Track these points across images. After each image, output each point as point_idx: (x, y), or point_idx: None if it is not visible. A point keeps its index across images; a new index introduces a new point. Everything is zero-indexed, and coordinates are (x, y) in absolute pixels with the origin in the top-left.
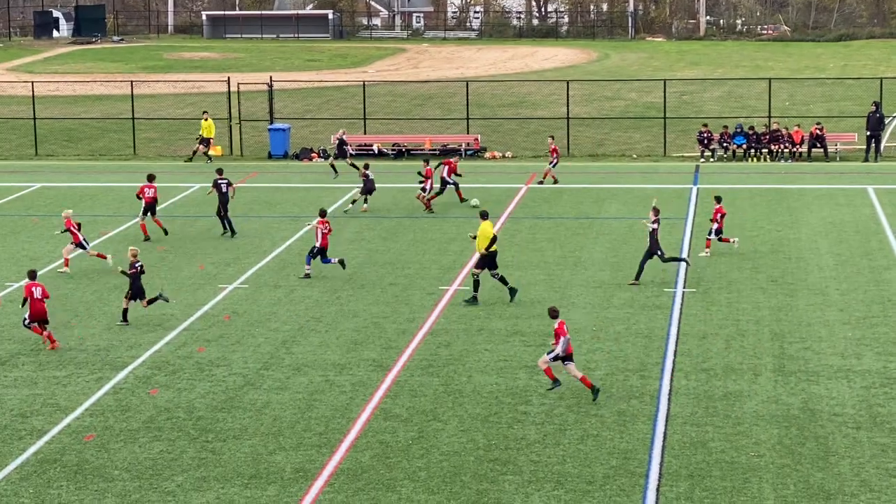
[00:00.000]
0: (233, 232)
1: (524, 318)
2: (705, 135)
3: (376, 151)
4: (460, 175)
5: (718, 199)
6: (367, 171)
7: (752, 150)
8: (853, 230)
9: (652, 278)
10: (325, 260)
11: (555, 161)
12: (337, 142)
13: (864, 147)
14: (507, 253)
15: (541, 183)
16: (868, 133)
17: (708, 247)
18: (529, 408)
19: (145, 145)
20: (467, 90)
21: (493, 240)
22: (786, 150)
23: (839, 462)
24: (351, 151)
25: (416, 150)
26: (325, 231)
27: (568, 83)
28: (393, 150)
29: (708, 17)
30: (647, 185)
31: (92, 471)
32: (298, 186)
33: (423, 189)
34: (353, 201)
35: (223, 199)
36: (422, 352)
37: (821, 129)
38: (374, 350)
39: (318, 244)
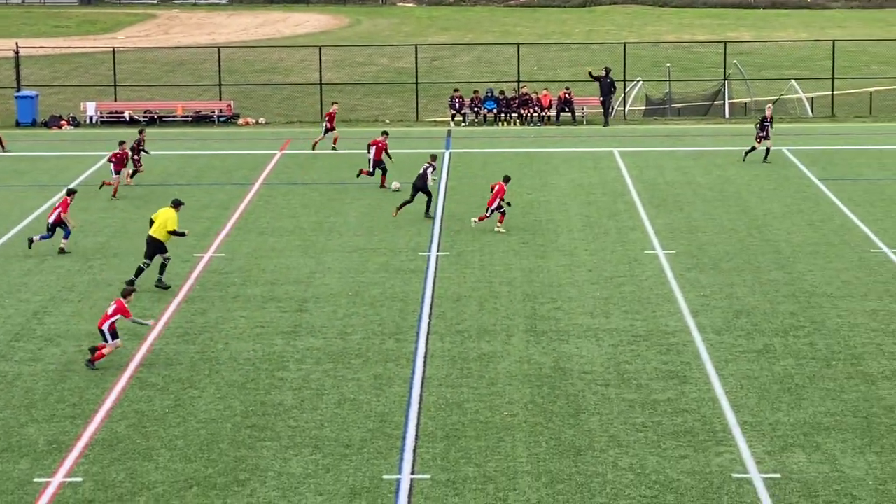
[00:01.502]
0: None
1: (280, 285)
2: (457, 100)
3: (128, 119)
4: (391, 157)
5: (507, 180)
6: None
7: (503, 115)
8: (600, 192)
9: (406, 243)
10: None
11: (330, 127)
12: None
13: (604, 111)
14: (263, 219)
15: (335, 149)
16: (601, 99)
17: (494, 219)
18: (286, 373)
19: None
20: (219, 56)
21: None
22: (535, 115)
23: (589, 419)
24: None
25: (169, 117)
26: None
27: (320, 49)
28: (145, 117)
29: None
30: (400, 149)
31: None
32: (48, 155)
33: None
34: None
35: None
36: (177, 320)
37: (568, 94)
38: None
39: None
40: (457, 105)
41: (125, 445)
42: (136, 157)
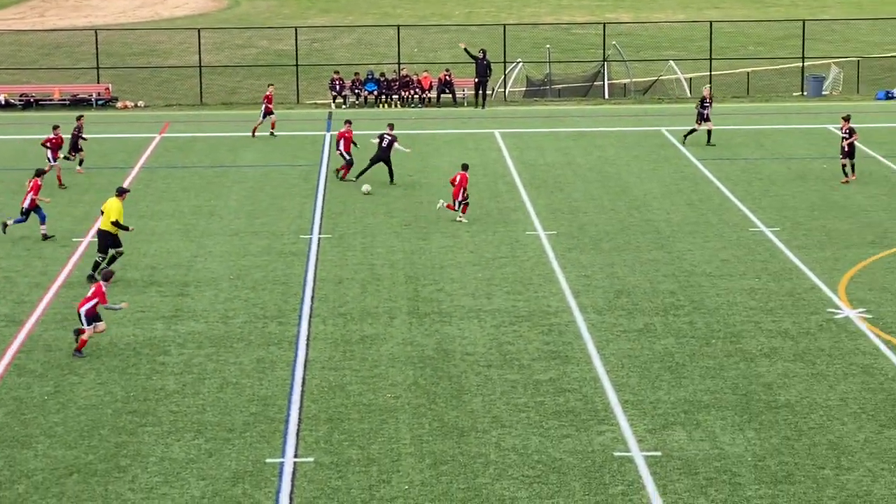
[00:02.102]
0: None
1: (160, 269)
2: (337, 82)
3: (3, 102)
4: (356, 145)
5: (466, 168)
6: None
7: (383, 97)
8: (482, 173)
9: (288, 226)
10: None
11: (268, 111)
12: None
13: (482, 93)
14: (142, 203)
15: (272, 134)
16: (476, 80)
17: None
18: (168, 358)
19: None
20: (96, 39)
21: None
22: (416, 96)
23: (472, 400)
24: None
25: (45, 100)
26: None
27: (199, 31)
28: (21, 100)
29: None
30: (281, 132)
31: None
32: None
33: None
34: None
35: None
36: (56, 305)
37: (448, 75)
38: (6, 305)
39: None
40: (337, 87)
41: (3, 433)
42: (78, 143)
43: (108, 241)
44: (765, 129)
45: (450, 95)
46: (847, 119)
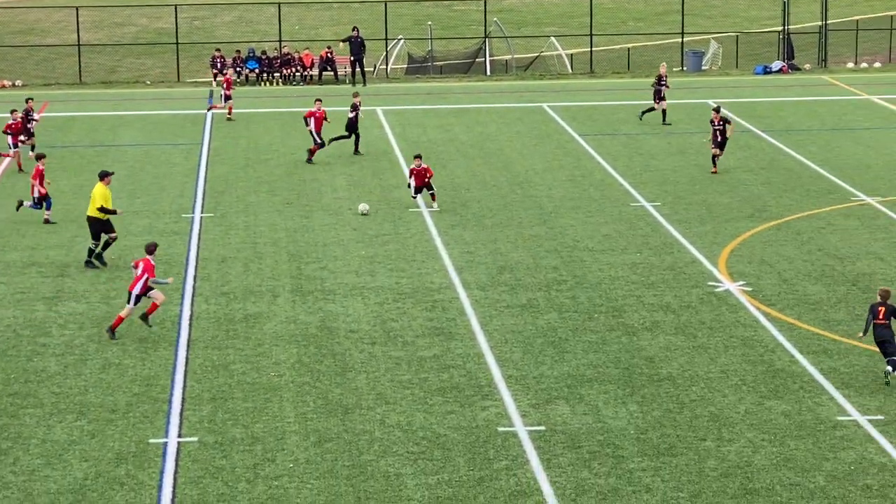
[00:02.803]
0: None
1: (40, 250)
2: (218, 60)
3: None
4: (328, 121)
5: (419, 156)
6: None
7: (265, 75)
8: (364, 151)
9: (170, 205)
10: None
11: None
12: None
13: (361, 71)
14: (20, 184)
15: (230, 119)
16: (351, 58)
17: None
18: (49, 339)
19: None
20: None
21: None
22: (297, 74)
23: (356, 377)
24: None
25: None
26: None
27: (77, 9)
28: None
29: None
30: (162, 111)
31: None
32: None
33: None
34: None
35: None
36: None
37: (330, 53)
38: None
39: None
40: (218, 65)
41: None
42: (29, 126)
43: (97, 227)
44: (645, 105)
45: (331, 73)
46: (717, 110)
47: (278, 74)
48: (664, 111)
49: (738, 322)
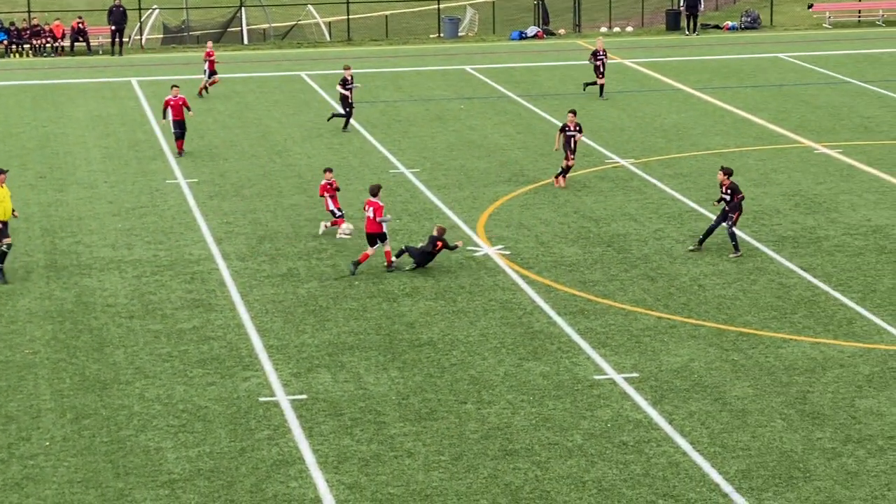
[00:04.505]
0: None
1: None
2: None
3: None
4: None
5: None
6: None
7: (14, 46)
8: (119, 123)
9: None
10: None
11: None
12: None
13: (119, 41)
14: None
15: (200, 95)
16: (112, 28)
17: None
18: None
19: None
20: None
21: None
22: (48, 45)
23: (114, 352)
24: None
25: None
26: None
27: None
28: None
29: None
30: None
31: None
32: None
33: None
34: None
35: None
36: None
37: (82, 23)
38: None
39: None
40: None
41: None
42: None
43: None
44: (403, 72)
45: (84, 44)
46: (574, 113)
47: (28, 46)
48: (601, 86)
49: (497, 286)
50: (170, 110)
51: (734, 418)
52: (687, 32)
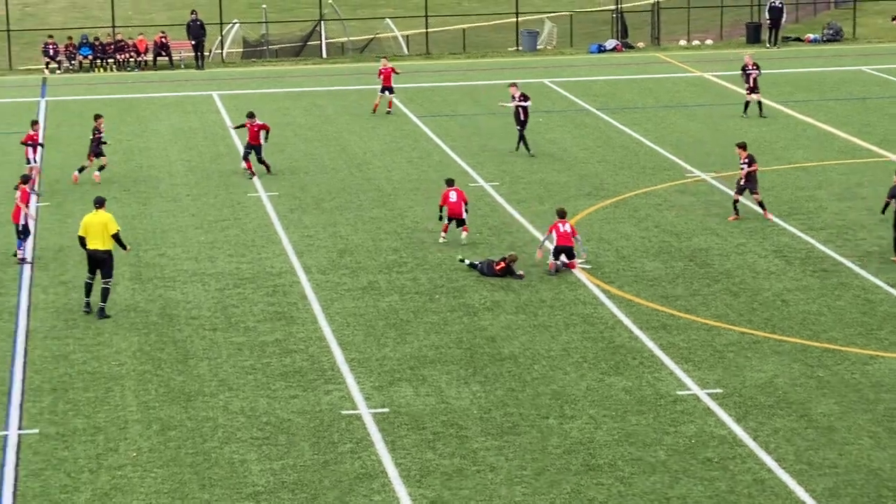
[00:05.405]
0: None
1: None
2: (51, 47)
3: None
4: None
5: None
6: None
7: (99, 61)
8: (202, 136)
9: (3, 195)
10: None
11: None
12: None
13: (200, 55)
14: None
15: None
16: (192, 42)
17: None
18: None
19: None
20: None
21: None
22: (132, 60)
23: (198, 364)
24: None
25: None
26: None
27: None
28: None
29: None
30: None
31: None
32: None
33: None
34: None
35: None
36: None
37: (164, 38)
38: None
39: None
40: (51, 52)
41: None
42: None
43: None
44: (481, 86)
45: (166, 58)
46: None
47: (112, 61)
48: (759, 103)
49: (578, 300)
50: (247, 131)
51: (820, 435)
52: (768, 45)
